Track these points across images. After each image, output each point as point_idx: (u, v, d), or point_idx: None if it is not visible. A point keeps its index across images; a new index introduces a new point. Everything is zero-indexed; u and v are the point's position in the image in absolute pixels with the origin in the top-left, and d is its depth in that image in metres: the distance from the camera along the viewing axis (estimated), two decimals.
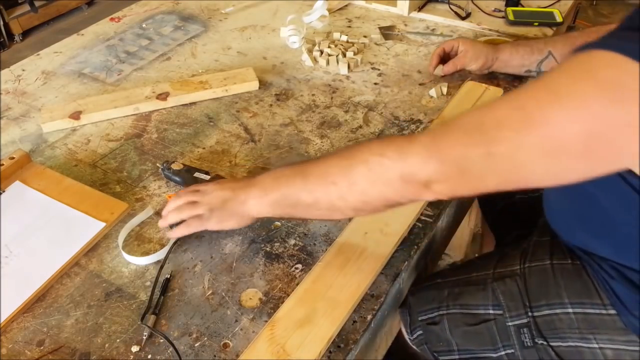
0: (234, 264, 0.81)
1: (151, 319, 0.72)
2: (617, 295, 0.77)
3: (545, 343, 0.82)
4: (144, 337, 0.70)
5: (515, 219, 1.13)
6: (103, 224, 0.86)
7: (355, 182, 0.65)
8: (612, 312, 0.78)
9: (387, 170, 0.63)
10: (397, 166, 0.62)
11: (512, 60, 1.11)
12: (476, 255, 1.47)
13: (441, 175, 0.60)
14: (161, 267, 0.79)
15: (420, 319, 0.92)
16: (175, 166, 0.93)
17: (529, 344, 0.83)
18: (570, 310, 0.81)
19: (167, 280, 0.78)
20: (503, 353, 0.86)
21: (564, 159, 0.54)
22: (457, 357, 0.89)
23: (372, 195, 0.66)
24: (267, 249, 0.83)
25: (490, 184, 0.59)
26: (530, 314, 0.83)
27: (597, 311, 0.79)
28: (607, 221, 0.76)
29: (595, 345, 0.79)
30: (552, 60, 1.05)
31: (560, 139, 0.53)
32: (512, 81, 1.19)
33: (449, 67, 1.15)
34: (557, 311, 0.82)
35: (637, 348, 0.77)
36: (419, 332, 0.93)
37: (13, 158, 0.95)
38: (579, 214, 0.81)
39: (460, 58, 1.14)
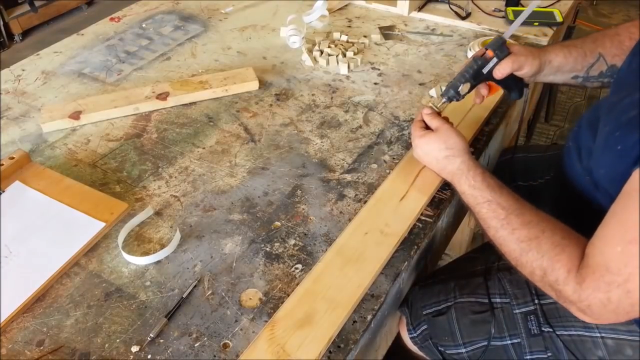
0: (234, 264, 0.81)
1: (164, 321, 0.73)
2: None
3: (551, 330, 0.83)
4: (149, 338, 0.70)
5: None
6: (103, 224, 0.85)
7: (523, 264, 0.74)
8: None
9: (546, 281, 0.72)
10: (553, 292, 0.72)
11: (565, 65, 0.96)
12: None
13: (588, 316, 0.68)
14: None
15: (425, 312, 0.93)
16: (464, 89, 0.92)
17: (535, 331, 0.84)
18: None
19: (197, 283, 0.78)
20: (509, 342, 0.86)
21: None
22: (462, 350, 0.90)
23: (529, 276, 0.75)
24: (267, 249, 0.83)
25: (632, 313, 0.65)
26: (536, 301, 0.85)
27: None
28: None
29: (597, 335, 0.80)
30: (602, 63, 0.95)
31: None
32: None
33: (503, 66, 0.92)
34: None
35: (637, 338, 0.78)
36: (423, 327, 0.94)
37: (13, 158, 0.95)
38: (582, 209, 0.82)
39: (515, 58, 0.92)
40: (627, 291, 0.63)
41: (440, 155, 0.87)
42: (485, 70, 0.91)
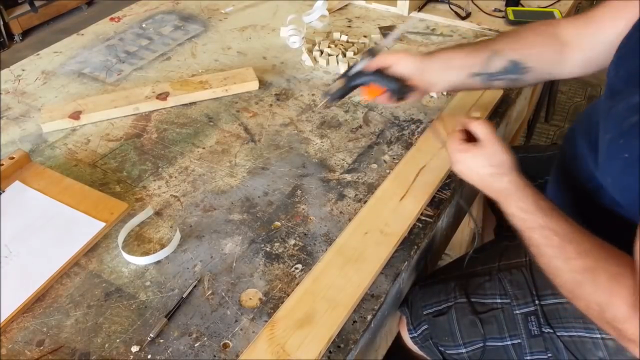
0: (234, 264, 0.81)
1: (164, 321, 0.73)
2: None
3: (552, 331, 0.83)
4: (149, 338, 0.71)
5: None
6: (103, 224, 0.85)
7: (578, 297, 0.68)
8: None
9: (604, 318, 0.65)
10: (613, 331, 0.64)
11: (454, 59, 0.91)
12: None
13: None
14: None
15: (425, 312, 0.93)
16: (337, 84, 0.91)
17: (536, 332, 0.84)
18: None
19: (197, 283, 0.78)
20: (509, 343, 0.86)
21: None
22: (463, 350, 0.90)
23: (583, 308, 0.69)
24: (267, 249, 0.83)
25: None
26: (537, 302, 0.85)
27: None
28: (609, 224, 0.76)
29: (598, 336, 0.80)
30: (498, 59, 0.88)
31: None
32: None
33: (375, 62, 0.90)
34: (562, 300, 0.83)
35: None
36: (423, 327, 0.94)
37: (13, 158, 0.95)
38: (581, 212, 0.82)
39: (386, 56, 0.90)
40: None
41: (484, 172, 0.78)
42: (353, 70, 0.91)
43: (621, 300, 0.62)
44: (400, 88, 0.89)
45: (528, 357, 0.85)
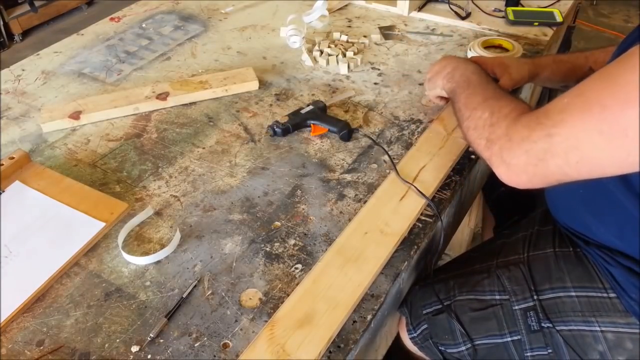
0: (234, 264, 0.81)
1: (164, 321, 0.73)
2: (617, 280, 0.79)
3: (551, 326, 0.83)
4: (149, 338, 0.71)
5: (516, 203, 1.15)
6: (103, 224, 0.85)
7: (483, 110, 0.79)
8: (613, 295, 0.80)
9: (489, 122, 0.76)
10: (488, 130, 0.75)
11: (553, 78, 1.05)
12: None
13: (504, 152, 0.70)
14: None
15: (425, 312, 0.93)
16: (282, 119, 1.06)
17: (535, 327, 0.84)
18: (573, 293, 0.83)
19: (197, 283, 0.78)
20: (509, 339, 0.86)
21: (622, 141, 0.59)
22: (463, 348, 0.90)
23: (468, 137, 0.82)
24: (267, 249, 0.83)
25: (552, 166, 0.65)
26: (535, 297, 0.85)
27: (599, 294, 0.81)
28: (610, 201, 0.77)
29: (597, 329, 0.81)
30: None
31: (616, 123, 0.58)
32: None
33: (505, 83, 1.02)
34: (561, 294, 0.84)
35: (637, 330, 0.79)
36: (423, 327, 0.94)
37: (13, 158, 0.95)
38: (583, 195, 0.82)
39: (506, 81, 1.00)
40: (548, 134, 0.64)
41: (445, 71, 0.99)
42: (302, 111, 1.07)
43: (509, 108, 0.73)
44: (340, 129, 1.03)
45: (528, 354, 0.85)
